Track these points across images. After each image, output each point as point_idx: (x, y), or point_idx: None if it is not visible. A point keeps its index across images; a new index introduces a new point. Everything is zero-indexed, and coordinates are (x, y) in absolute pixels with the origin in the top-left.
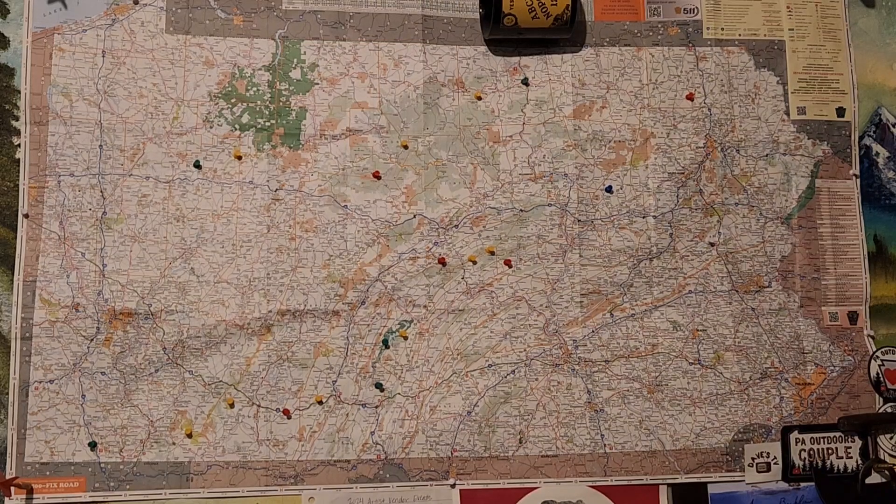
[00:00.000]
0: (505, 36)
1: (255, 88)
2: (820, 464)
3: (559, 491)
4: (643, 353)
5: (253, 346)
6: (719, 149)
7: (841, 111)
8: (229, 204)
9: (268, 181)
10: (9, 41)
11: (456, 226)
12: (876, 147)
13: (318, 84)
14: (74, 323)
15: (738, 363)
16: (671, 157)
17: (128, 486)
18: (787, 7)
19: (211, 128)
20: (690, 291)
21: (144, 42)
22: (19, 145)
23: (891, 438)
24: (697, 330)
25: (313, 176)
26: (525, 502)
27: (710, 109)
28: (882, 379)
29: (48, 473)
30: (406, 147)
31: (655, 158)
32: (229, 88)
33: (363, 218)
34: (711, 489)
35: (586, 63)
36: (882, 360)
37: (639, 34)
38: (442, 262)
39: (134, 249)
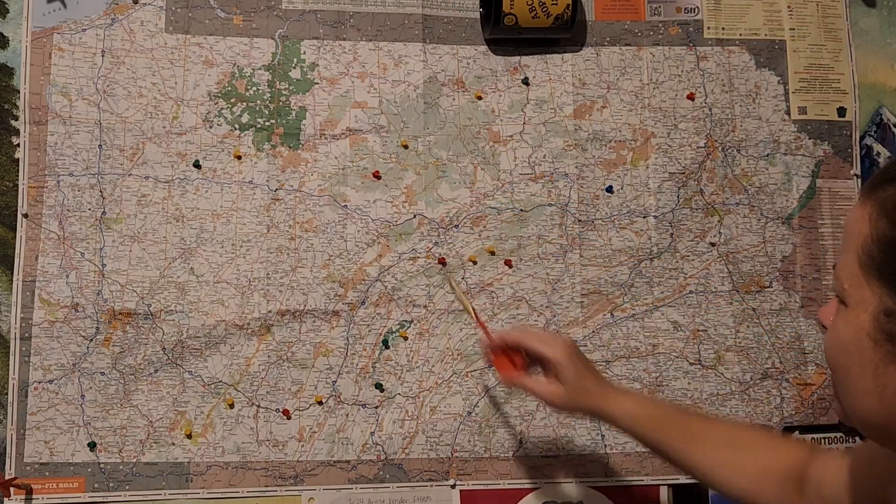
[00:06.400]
0: (505, 35)
1: (254, 88)
2: None
3: (559, 491)
4: (644, 354)
5: (253, 347)
6: (720, 149)
7: (842, 111)
8: (229, 204)
9: (267, 181)
10: (8, 41)
11: (456, 226)
12: (877, 147)
13: (317, 84)
14: (74, 323)
15: (739, 363)
16: (672, 157)
17: (127, 487)
18: (788, 7)
19: (210, 127)
20: (691, 291)
21: (144, 42)
22: (18, 145)
23: None
24: (698, 330)
25: (313, 176)
26: (525, 503)
27: (710, 109)
28: None
29: (47, 474)
30: (406, 147)
31: (656, 158)
32: (229, 88)
33: (363, 218)
34: (711, 489)
35: (587, 63)
36: None
37: (639, 34)
38: (442, 262)
39: (133, 249)
